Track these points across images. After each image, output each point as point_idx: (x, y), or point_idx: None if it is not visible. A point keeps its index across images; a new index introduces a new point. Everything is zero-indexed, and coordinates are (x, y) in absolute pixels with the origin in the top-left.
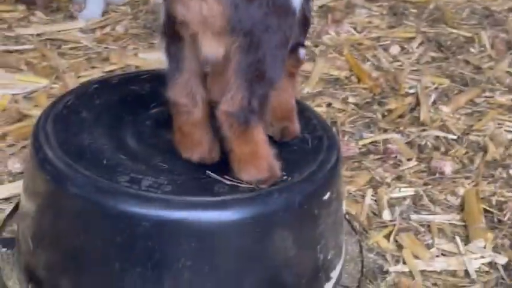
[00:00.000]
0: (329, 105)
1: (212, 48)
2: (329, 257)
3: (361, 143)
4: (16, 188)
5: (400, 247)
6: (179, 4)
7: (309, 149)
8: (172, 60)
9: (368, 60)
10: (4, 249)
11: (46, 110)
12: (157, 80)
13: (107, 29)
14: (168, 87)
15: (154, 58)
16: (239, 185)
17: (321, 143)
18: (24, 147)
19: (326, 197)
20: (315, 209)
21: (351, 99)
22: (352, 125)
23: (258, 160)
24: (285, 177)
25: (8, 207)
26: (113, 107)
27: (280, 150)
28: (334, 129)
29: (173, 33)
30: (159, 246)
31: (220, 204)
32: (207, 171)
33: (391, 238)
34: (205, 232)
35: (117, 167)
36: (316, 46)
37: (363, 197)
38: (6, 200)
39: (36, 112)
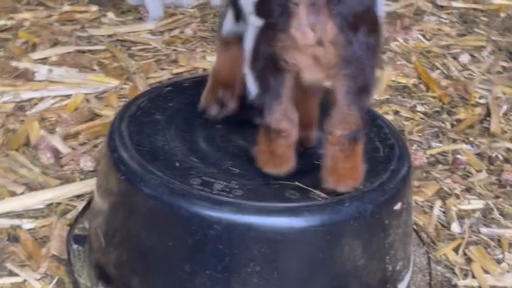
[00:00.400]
0: (396, 113)
1: (317, 76)
2: (397, 268)
3: (429, 152)
4: (87, 186)
5: (469, 261)
6: (292, 51)
7: (380, 157)
8: (270, 90)
9: (437, 68)
10: (76, 246)
11: (120, 110)
12: None
13: (176, 32)
14: (265, 114)
15: None
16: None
17: (392, 152)
18: (95, 146)
19: (397, 207)
20: (385, 219)
21: (419, 108)
22: (420, 134)
23: (357, 172)
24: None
25: (80, 205)
26: (185, 109)
27: None
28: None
29: (274, 68)
30: (230, 249)
31: (292, 210)
32: (296, 182)
33: (460, 251)
34: (276, 238)
35: (190, 169)
36: (384, 53)
37: (431, 208)
38: (78, 197)
39: (107, 112)
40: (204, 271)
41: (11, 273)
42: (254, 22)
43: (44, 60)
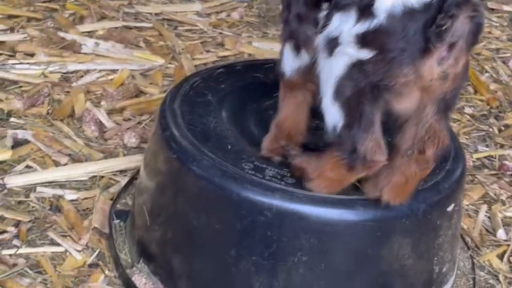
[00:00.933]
0: None
1: (411, 104)
2: (444, 270)
3: (475, 156)
4: (131, 161)
5: None
6: (412, 86)
7: None
8: (363, 119)
9: (486, 71)
10: (117, 221)
11: (173, 89)
12: None
13: (222, 15)
14: (355, 145)
15: (267, 48)
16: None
17: (447, 153)
18: (139, 122)
19: (450, 208)
20: (437, 219)
21: (466, 110)
22: (466, 137)
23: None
24: None
25: (123, 180)
26: (237, 92)
27: None
28: None
29: (371, 98)
30: (278, 237)
31: (345, 202)
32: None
33: (505, 258)
34: (326, 229)
35: (242, 153)
36: None
37: (476, 212)
38: (121, 172)
39: (152, 90)
40: (250, 257)
41: (53, 243)
42: (354, 53)
43: (90, 34)
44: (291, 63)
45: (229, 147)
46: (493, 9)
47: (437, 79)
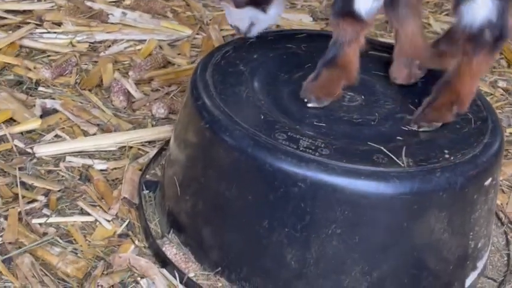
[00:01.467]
0: None
1: None
2: (479, 246)
3: (509, 130)
4: (160, 132)
5: None
6: None
7: (472, 129)
8: None
9: None
10: (147, 191)
11: (204, 58)
12: (313, 40)
13: None
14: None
15: (295, 19)
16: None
17: (485, 125)
18: (168, 93)
19: (487, 182)
20: (475, 193)
21: (500, 84)
22: (499, 111)
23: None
24: (447, 155)
25: (152, 151)
26: (269, 63)
27: (443, 128)
28: None
29: None
30: (312, 209)
31: (380, 175)
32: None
33: None
34: (361, 202)
35: (275, 124)
36: None
37: (510, 187)
38: (150, 143)
39: (180, 60)
40: (283, 228)
41: (82, 212)
42: None
43: (117, 3)
44: (370, 3)
45: (262, 117)
46: None
47: None
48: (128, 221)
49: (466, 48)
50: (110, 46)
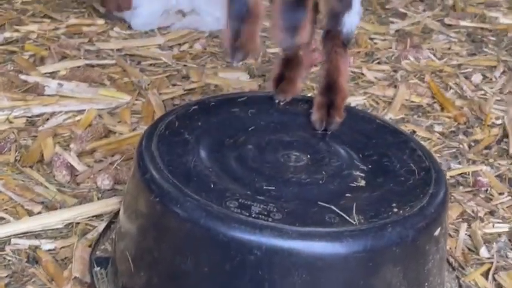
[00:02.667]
0: (413, 132)
1: None
2: None
3: (449, 174)
4: (107, 205)
5: (499, 286)
6: None
7: (416, 180)
8: None
9: (450, 88)
10: (98, 268)
11: (148, 129)
12: (254, 102)
13: (185, 47)
14: None
15: (233, 78)
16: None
17: (428, 175)
18: (111, 163)
19: (437, 232)
20: (426, 244)
21: (436, 128)
22: (438, 155)
23: None
24: (395, 209)
25: (100, 225)
26: (214, 129)
27: (388, 181)
28: None
29: None
30: (270, 276)
31: (334, 235)
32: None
33: (490, 276)
34: (317, 264)
35: (225, 191)
36: (396, 71)
37: (456, 231)
38: (97, 217)
39: (121, 128)
40: None
41: None
42: None
43: (53, 74)
44: None
45: (212, 186)
46: (450, 25)
47: None
48: None
49: (339, 50)
50: (48, 119)
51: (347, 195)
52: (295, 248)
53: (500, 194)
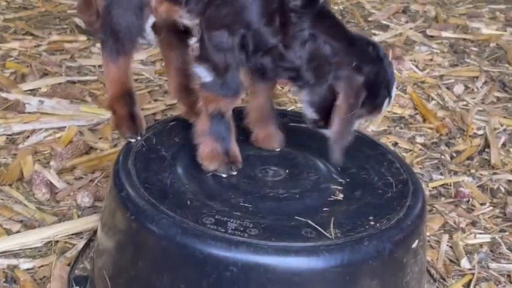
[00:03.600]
0: (395, 144)
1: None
2: None
3: (431, 185)
4: (87, 223)
5: None
6: None
7: (394, 193)
8: None
9: (432, 99)
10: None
11: (125, 146)
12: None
13: None
14: None
15: None
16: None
17: (405, 188)
18: (92, 180)
19: (414, 244)
20: (404, 257)
21: (418, 139)
22: (420, 166)
23: None
24: (372, 223)
25: (79, 243)
26: (191, 145)
27: (366, 194)
28: None
29: None
30: None
31: (310, 250)
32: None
33: None
34: (294, 279)
35: (201, 208)
36: None
37: (438, 242)
38: (77, 235)
39: (103, 145)
40: None
41: None
42: None
43: (34, 92)
44: None
45: (188, 203)
46: (432, 36)
47: None
48: None
49: None
50: (28, 137)
51: (324, 209)
52: (270, 263)
53: (481, 204)
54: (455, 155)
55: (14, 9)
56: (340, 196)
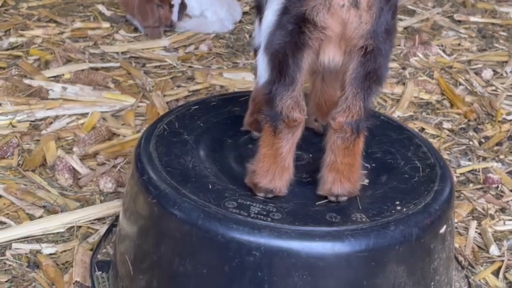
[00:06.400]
0: (422, 130)
1: (334, 57)
2: None
3: (459, 171)
4: (109, 208)
5: (510, 284)
6: (324, 11)
7: (421, 177)
8: (285, 74)
9: (460, 84)
10: (99, 272)
11: (147, 130)
12: None
13: (190, 48)
14: (274, 103)
15: (238, 78)
16: None
17: (433, 172)
18: (114, 166)
19: (442, 230)
20: (431, 243)
21: (445, 125)
22: (448, 152)
23: (354, 173)
24: (398, 207)
25: (102, 228)
26: (214, 128)
27: (392, 179)
28: None
29: (294, 46)
30: (269, 277)
31: (335, 235)
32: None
33: (500, 275)
34: (318, 264)
35: (224, 192)
36: (404, 68)
37: (466, 229)
38: (99, 220)
39: (125, 131)
40: None
41: None
42: None
43: (57, 78)
44: (257, 34)
45: (210, 186)
46: (460, 21)
47: (349, 6)
48: None
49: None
50: (51, 123)
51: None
52: (294, 248)
53: (511, 190)
54: (483, 141)
55: None
56: (366, 181)
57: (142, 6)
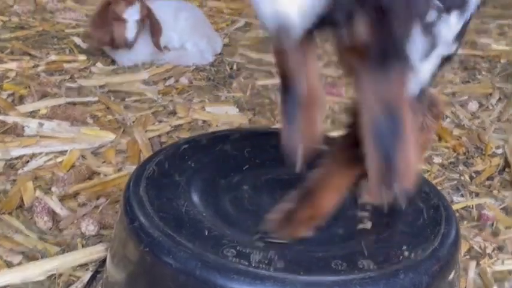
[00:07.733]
0: None
1: None
2: None
3: (452, 207)
4: (92, 253)
5: None
6: None
7: (425, 220)
8: None
9: (447, 117)
10: None
11: (135, 171)
12: (247, 139)
13: (171, 81)
14: None
15: (221, 112)
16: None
17: (437, 214)
18: (96, 207)
19: (451, 276)
20: None
21: (435, 160)
22: (440, 187)
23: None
24: (406, 253)
25: (85, 275)
26: (206, 169)
27: (395, 221)
28: None
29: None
30: None
31: (342, 284)
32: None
33: None
34: None
35: (221, 238)
36: None
37: (465, 269)
38: (82, 266)
39: (106, 169)
40: None
41: None
42: None
43: (33, 114)
44: None
45: (207, 233)
46: None
47: None
48: None
49: None
50: (28, 161)
51: (353, 238)
52: None
53: (507, 228)
54: (474, 176)
55: (10, 28)
56: (369, 224)
57: (98, 20)
